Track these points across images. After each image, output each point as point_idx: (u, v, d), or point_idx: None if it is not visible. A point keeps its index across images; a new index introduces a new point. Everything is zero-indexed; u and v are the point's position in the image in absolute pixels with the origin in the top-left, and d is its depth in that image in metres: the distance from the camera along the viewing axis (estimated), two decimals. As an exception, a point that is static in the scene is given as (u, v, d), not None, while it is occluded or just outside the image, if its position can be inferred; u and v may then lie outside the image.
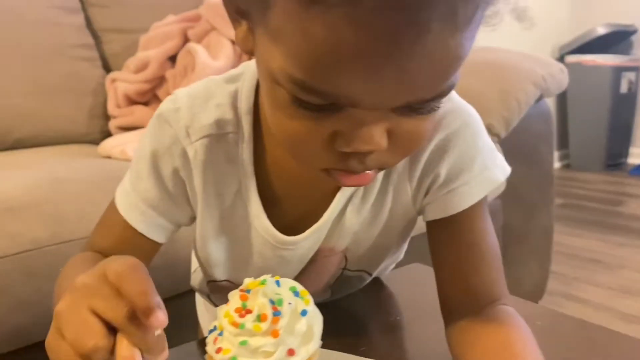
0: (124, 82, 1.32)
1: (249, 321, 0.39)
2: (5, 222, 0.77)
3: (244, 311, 0.39)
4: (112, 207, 0.52)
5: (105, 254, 0.50)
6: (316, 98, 0.34)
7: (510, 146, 1.34)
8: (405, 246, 0.61)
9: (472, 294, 0.48)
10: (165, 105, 0.49)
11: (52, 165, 0.99)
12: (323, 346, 0.42)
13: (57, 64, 1.30)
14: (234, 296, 0.41)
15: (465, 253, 0.49)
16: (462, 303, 0.48)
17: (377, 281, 0.68)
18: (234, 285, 0.51)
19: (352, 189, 0.49)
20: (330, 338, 0.46)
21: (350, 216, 0.51)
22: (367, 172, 0.39)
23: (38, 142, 1.26)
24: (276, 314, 0.39)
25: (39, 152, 1.18)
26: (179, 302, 0.79)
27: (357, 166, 0.38)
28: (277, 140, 0.46)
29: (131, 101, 1.32)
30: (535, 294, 1.51)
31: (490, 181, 0.49)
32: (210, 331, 0.41)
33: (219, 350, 0.39)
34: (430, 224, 0.51)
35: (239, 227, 0.51)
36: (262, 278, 0.41)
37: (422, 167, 0.49)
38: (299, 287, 0.42)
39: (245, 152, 0.49)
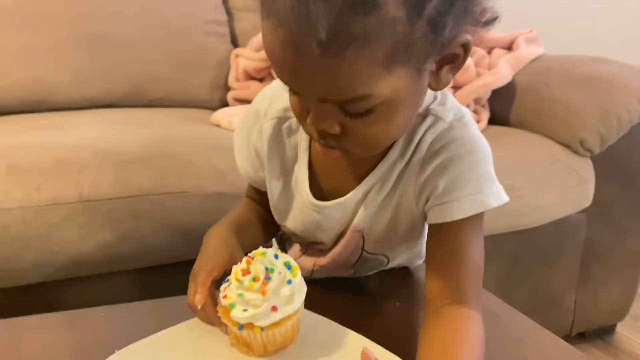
0: (245, 58, 1.48)
1: (247, 280, 0.51)
2: (121, 170, 0.96)
3: (246, 272, 0.52)
4: None
5: (250, 195, 0.73)
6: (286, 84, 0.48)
7: (606, 163, 1.32)
8: (422, 242, 0.69)
9: (444, 292, 0.57)
10: (258, 95, 0.67)
11: (168, 127, 1.18)
12: (316, 310, 0.53)
13: (191, 37, 1.49)
14: (244, 260, 0.53)
15: (447, 257, 0.58)
16: (436, 298, 0.57)
17: (405, 270, 0.76)
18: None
19: (373, 180, 0.60)
20: (330, 306, 0.57)
21: (369, 201, 0.61)
22: (334, 150, 0.52)
23: (167, 104, 1.47)
24: (267, 278, 0.51)
25: (165, 112, 1.39)
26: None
27: (321, 139, 0.51)
28: None
29: (249, 76, 1.48)
30: (613, 313, 1.48)
31: (481, 203, 0.57)
32: (225, 281, 0.54)
33: (224, 297, 0.52)
34: (429, 227, 0.61)
35: (291, 186, 0.65)
36: (265, 250, 0.53)
37: (425, 178, 0.58)
38: (292, 263, 0.53)
39: (304, 132, 0.61)
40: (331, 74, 0.43)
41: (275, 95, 0.64)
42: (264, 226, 0.71)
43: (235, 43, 1.58)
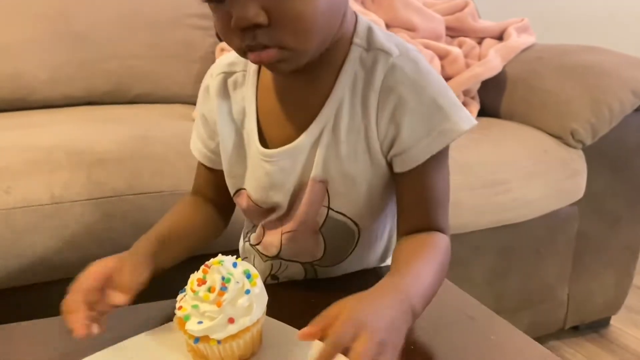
0: (229, 52, 1.45)
1: (202, 290, 0.49)
2: (95, 171, 0.93)
3: (202, 281, 0.49)
4: None
5: (198, 186, 0.73)
6: None
7: (598, 154, 1.29)
8: (392, 214, 0.68)
9: (415, 229, 0.60)
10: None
11: (147, 124, 1.16)
12: (282, 315, 0.51)
13: (174, 31, 1.46)
14: (200, 268, 0.51)
15: (415, 198, 0.60)
16: (405, 227, 0.61)
17: (373, 271, 0.73)
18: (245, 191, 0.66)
19: (323, 121, 0.59)
20: (295, 311, 0.55)
21: (323, 145, 0.59)
22: (268, 50, 0.51)
23: (152, 100, 1.44)
24: (223, 288, 0.48)
25: (148, 108, 1.36)
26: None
27: (252, 42, 0.51)
28: (269, 76, 0.62)
29: (234, 70, 1.45)
30: (607, 306, 1.46)
31: (452, 131, 0.56)
32: (182, 291, 0.51)
33: (180, 308, 0.49)
34: (396, 176, 0.60)
35: (244, 142, 0.64)
36: (222, 258, 0.50)
37: (387, 118, 0.57)
38: (252, 271, 0.51)
39: (250, 83, 0.63)
40: None
41: (222, 57, 0.67)
42: (205, 226, 0.69)
43: (220, 37, 1.55)
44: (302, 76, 0.58)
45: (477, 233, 1.20)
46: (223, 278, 0.49)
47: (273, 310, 0.54)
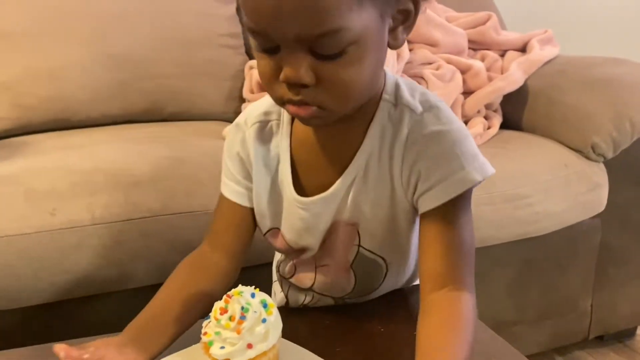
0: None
1: (224, 319, 0.54)
2: (131, 192, 1.01)
3: (224, 310, 0.55)
4: (219, 196, 0.71)
5: (216, 232, 0.71)
6: (261, 40, 0.53)
7: (621, 166, 1.30)
8: (414, 253, 0.71)
9: (435, 278, 0.59)
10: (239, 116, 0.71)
11: (179, 143, 1.22)
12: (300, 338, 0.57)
13: (206, 50, 1.53)
14: (223, 297, 0.56)
15: (435, 242, 0.60)
16: (427, 284, 0.60)
17: (396, 292, 0.78)
18: (278, 231, 0.69)
19: (354, 171, 0.63)
20: (312, 333, 0.60)
21: (355, 193, 0.63)
22: (308, 107, 0.55)
23: (185, 117, 1.51)
24: (242, 317, 0.54)
25: (181, 126, 1.43)
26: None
27: (294, 97, 0.54)
28: (302, 126, 0.64)
29: (262, 88, 1.51)
30: (633, 316, 1.47)
31: (465, 180, 0.59)
32: (207, 318, 0.57)
33: (205, 334, 0.55)
34: (420, 217, 0.63)
35: (279, 189, 0.67)
36: (242, 289, 0.56)
37: (409, 166, 0.61)
38: (269, 301, 0.56)
39: (284, 132, 0.66)
40: (313, 3, 0.48)
41: (252, 107, 0.69)
42: (206, 293, 0.65)
43: (250, 55, 1.61)
44: (334, 128, 0.61)
45: (498, 246, 1.22)
46: (242, 308, 0.54)
47: (289, 330, 0.60)
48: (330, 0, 0.49)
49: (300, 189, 0.66)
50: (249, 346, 0.54)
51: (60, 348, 0.55)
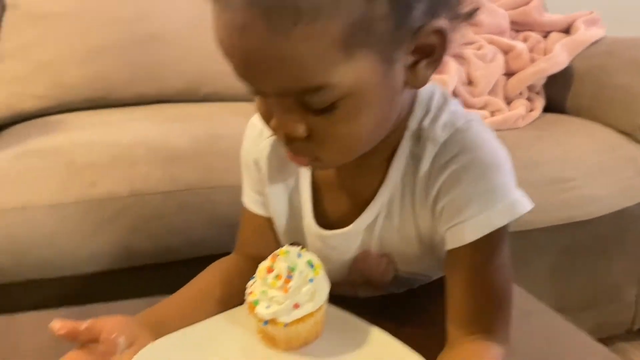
0: None
1: (270, 277, 0.53)
2: (170, 166, 1.00)
3: (270, 269, 0.53)
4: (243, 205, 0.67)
5: (243, 243, 0.67)
6: (246, 85, 0.46)
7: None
8: None
9: (461, 324, 0.53)
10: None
11: (215, 122, 1.22)
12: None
13: (242, 31, 1.52)
14: (268, 257, 0.55)
15: (462, 284, 0.53)
16: (453, 329, 0.53)
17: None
18: None
19: (376, 208, 0.56)
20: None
21: (381, 231, 0.57)
22: (302, 157, 0.50)
23: (220, 98, 1.50)
24: (289, 277, 0.52)
25: (216, 107, 1.43)
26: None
27: (287, 145, 0.48)
28: None
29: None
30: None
31: (487, 224, 0.51)
32: (252, 278, 0.56)
33: (250, 293, 0.54)
34: (446, 253, 0.55)
35: (296, 211, 0.61)
36: (287, 249, 0.54)
37: (432, 202, 0.54)
38: (315, 261, 0.54)
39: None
40: (283, 57, 0.40)
41: None
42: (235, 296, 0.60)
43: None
44: (354, 163, 0.53)
45: (540, 230, 1.19)
46: (289, 267, 0.52)
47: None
48: (304, 56, 0.41)
49: (321, 215, 0.59)
50: (296, 306, 0.52)
51: (55, 322, 0.50)
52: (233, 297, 0.60)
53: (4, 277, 0.93)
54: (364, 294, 0.66)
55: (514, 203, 0.52)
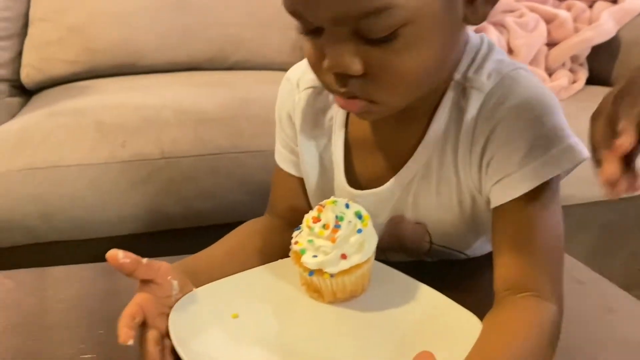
0: None
1: (317, 227, 0.49)
2: (200, 129, 0.98)
3: (317, 219, 0.50)
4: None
5: (274, 203, 0.63)
6: (299, 21, 0.44)
7: None
8: None
9: (510, 282, 0.48)
10: (293, 66, 0.61)
11: (246, 88, 1.19)
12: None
13: (272, -1, 1.49)
14: (315, 208, 0.52)
15: (510, 241, 0.49)
16: (501, 289, 0.49)
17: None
18: None
19: (414, 168, 0.53)
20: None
21: (416, 194, 0.54)
22: (356, 101, 0.46)
23: (249, 66, 1.47)
24: (337, 226, 0.49)
25: (246, 74, 1.40)
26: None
27: (340, 88, 0.45)
28: None
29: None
30: None
31: (541, 173, 0.47)
32: (297, 228, 0.53)
33: (296, 243, 0.51)
34: (492, 211, 0.51)
35: (327, 169, 0.58)
36: (337, 199, 0.51)
37: (479, 156, 0.50)
38: (364, 212, 0.51)
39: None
40: None
41: (306, 68, 0.57)
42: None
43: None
44: (394, 117, 0.51)
45: (580, 206, 1.14)
46: (337, 216, 0.49)
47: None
48: None
49: (352, 174, 0.56)
50: (343, 257, 0.49)
51: (116, 251, 0.46)
52: (271, 252, 0.57)
53: (33, 237, 0.92)
54: (395, 259, 0.61)
55: (569, 148, 0.48)
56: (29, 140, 0.94)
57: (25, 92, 1.36)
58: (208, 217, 0.97)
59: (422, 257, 0.61)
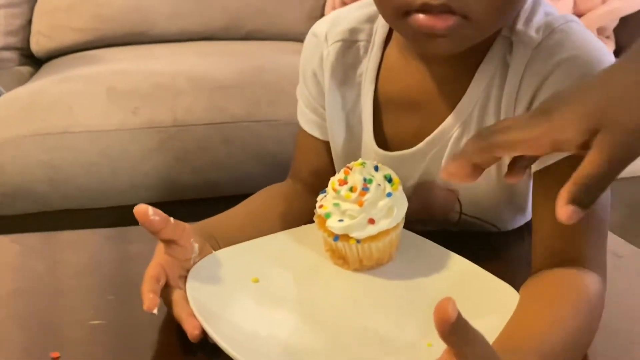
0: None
1: (343, 189, 0.46)
2: (215, 97, 0.95)
3: (343, 182, 0.47)
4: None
5: (296, 168, 0.60)
6: None
7: None
8: (529, 202, 0.55)
9: (551, 253, 0.45)
10: (318, 21, 0.57)
11: (261, 57, 1.16)
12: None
13: (287, -33, 1.44)
14: (342, 170, 0.48)
15: (552, 207, 0.42)
16: (540, 261, 0.45)
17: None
18: None
19: (450, 128, 0.49)
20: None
21: (450, 154, 0.50)
22: (448, 17, 0.41)
23: (264, 36, 1.43)
24: (365, 189, 0.46)
25: (260, 44, 1.36)
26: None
27: (435, 0, 0.40)
28: (396, 57, 0.51)
29: (346, 5, 1.41)
30: None
31: None
32: (323, 192, 0.49)
33: (321, 206, 0.48)
34: (534, 175, 0.48)
35: (355, 130, 0.55)
36: (365, 161, 0.48)
37: (525, 109, 0.46)
38: (394, 176, 0.48)
39: (373, 58, 0.52)
40: None
41: (339, 17, 0.54)
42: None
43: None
44: (435, 68, 0.49)
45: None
46: (365, 179, 0.46)
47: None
48: None
49: (381, 135, 0.53)
50: (371, 221, 0.46)
51: (144, 206, 0.43)
52: (293, 218, 0.54)
53: (43, 205, 0.89)
54: (422, 228, 0.57)
55: None
56: (38, 105, 0.91)
57: (35, 62, 1.33)
58: (221, 188, 0.94)
59: (450, 229, 0.57)
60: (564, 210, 0.35)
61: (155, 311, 0.40)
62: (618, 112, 0.34)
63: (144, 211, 0.43)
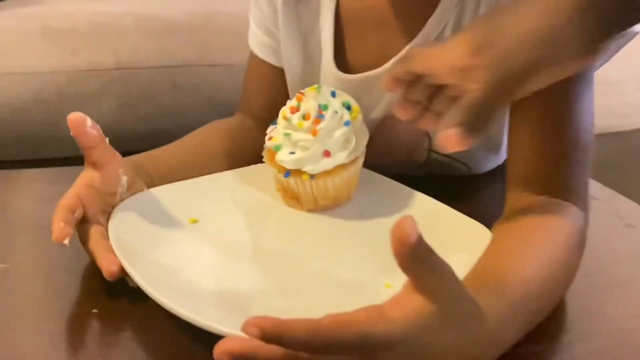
0: None
1: (295, 117, 0.41)
2: (163, 39, 0.87)
3: (295, 109, 0.41)
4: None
5: (246, 100, 0.56)
6: None
7: None
8: (504, 140, 0.51)
9: (528, 181, 0.40)
10: None
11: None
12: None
13: None
14: (295, 97, 0.42)
15: (533, 130, 0.40)
16: (516, 191, 0.41)
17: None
18: None
19: (422, 42, 0.44)
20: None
21: None
22: None
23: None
24: (320, 116, 0.40)
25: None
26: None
27: None
28: None
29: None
30: None
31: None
32: (273, 123, 0.44)
33: (270, 138, 0.42)
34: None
35: (314, 54, 0.49)
36: (321, 85, 0.42)
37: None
38: (353, 103, 0.42)
39: None
40: None
41: None
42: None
43: None
44: None
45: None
46: (320, 106, 0.40)
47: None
48: None
49: (343, 60, 0.48)
50: (326, 154, 0.40)
51: (84, 116, 0.39)
52: (242, 155, 0.49)
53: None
54: (383, 172, 0.51)
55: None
56: (-36, 44, 0.82)
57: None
58: (171, 136, 0.86)
59: (414, 172, 0.52)
60: (452, 133, 0.30)
61: (66, 242, 0.34)
62: (503, 31, 0.32)
63: (81, 120, 0.38)
